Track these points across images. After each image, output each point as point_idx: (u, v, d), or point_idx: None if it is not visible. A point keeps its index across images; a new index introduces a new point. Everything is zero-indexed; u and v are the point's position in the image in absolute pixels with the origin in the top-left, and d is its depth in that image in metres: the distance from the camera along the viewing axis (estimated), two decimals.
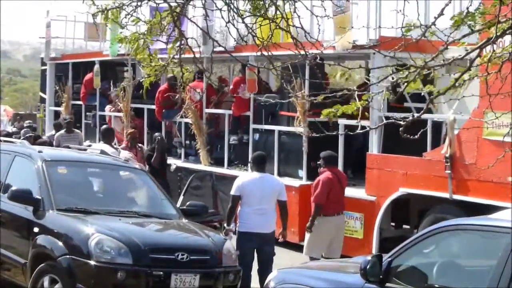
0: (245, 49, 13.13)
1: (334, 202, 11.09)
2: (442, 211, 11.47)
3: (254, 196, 10.06)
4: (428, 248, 6.45)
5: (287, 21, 6.27)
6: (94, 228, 8.59)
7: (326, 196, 10.97)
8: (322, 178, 11.08)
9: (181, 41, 6.33)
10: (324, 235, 11.09)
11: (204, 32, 7.91)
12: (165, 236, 9.37)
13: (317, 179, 11.17)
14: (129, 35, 6.49)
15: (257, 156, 10.62)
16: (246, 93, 15.51)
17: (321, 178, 11.09)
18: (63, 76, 21.61)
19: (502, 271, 5.60)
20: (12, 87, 78.24)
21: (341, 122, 13.44)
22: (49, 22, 22.08)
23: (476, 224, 6.21)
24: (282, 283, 7.32)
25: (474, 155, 11.12)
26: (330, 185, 11.03)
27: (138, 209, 9.91)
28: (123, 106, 18.00)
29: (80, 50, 22.90)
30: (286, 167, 14.53)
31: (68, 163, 10.26)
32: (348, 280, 6.73)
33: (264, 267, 10.00)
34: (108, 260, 8.35)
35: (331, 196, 11.02)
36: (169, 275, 8.44)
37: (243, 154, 15.36)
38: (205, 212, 10.31)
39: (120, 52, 18.68)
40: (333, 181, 11.10)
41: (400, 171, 12.14)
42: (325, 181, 11.03)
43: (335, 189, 11.12)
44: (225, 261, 8.96)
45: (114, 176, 10.51)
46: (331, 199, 11.02)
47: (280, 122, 14.91)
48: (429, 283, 6.24)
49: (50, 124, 22.08)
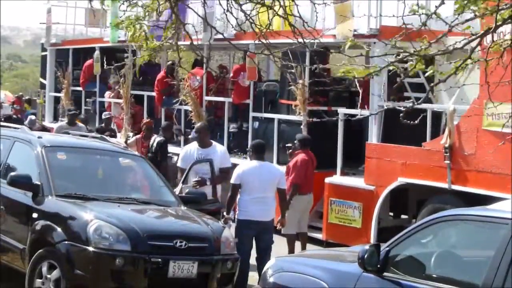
0: (245, 37, 13.09)
1: (308, 182, 12.09)
2: (440, 201, 11.49)
3: (254, 184, 10.08)
4: (426, 238, 6.45)
5: (284, 9, 6.25)
6: (93, 214, 8.60)
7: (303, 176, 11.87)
8: (299, 159, 11.99)
9: (178, 25, 6.32)
10: (297, 212, 11.92)
11: (202, 19, 7.90)
12: (164, 223, 9.37)
13: (294, 159, 12.05)
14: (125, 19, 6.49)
15: (256, 144, 10.65)
16: (245, 80, 15.50)
17: (298, 159, 11.99)
18: (63, 62, 21.59)
19: (500, 262, 5.61)
20: (12, 72, 78.08)
21: (340, 111, 13.46)
22: (50, 8, 22.05)
23: (475, 214, 6.21)
24: (280, 271, 7.32)
25: (474, 146, 11.12)
26: (306, 166, 11.97)
27: (137, 196, 9.91)
28: (123, 92, 17.99)
29: (80, 36, 22.88)
30: (286, 156, 14.54)
31: (67, 149, 10.25)
32: (346, 269, 6.74)
33: (262, 255, 10.02)
34: (106, 246, 8.35)
35: (306, 176, 11.98)
36: (167, 262, 8.45)
37: (242, 142, 15.37)
38: (204, 200, 10.31)
39: (120, 38, 18.67)
40: (308, 162, 12.07)
41: (399, 160, 12.15)
42: (302, 162, 11.97)
43: (309, 169, 12.14)
44: (224, 248, 8.96)
45: (113, 163, 10.50)
46: (306, 179, 11.97)
47: (280, 110, 14.91)
48: (426, 273, 6.24)
49: (50, 109, 22.08)
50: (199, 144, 11.17)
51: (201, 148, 11.09)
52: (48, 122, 20.78)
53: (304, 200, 12.12)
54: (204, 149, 11.07)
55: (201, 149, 11.08)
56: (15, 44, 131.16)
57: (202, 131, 11.31)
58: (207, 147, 11.12)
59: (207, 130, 11.68)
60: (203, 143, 11.14)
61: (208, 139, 11.36)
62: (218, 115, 16.76)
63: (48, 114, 22.20)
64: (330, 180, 13.39)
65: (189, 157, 11.06)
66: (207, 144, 11.19)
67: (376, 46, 11.97)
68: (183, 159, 11.16)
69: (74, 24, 22.57)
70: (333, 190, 13.29)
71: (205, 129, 11.48)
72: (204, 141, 11.19)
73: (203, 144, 11.13)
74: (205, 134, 11.31)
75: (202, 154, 11.00)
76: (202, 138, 11.19)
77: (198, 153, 11.04)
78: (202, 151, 11.04)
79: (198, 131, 11.36)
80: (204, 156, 10.95)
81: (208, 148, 11.11)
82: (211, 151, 11.06)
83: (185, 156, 11.15)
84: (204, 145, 11.12)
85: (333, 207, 13.15)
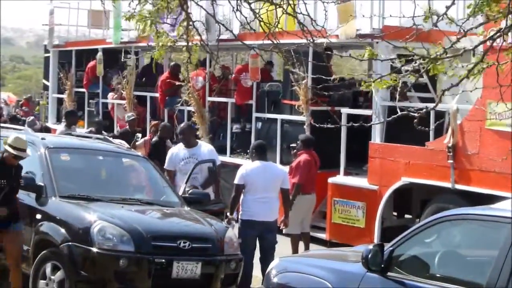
0: (249, 36, 13.09)
1: (311, 182, 12.09)
2: (444, 201, 11.48)
3: (258, 185, 10.09)
4: (430, 237, 6.44)
5: (293, 7, 6.26)
6: (96, 215, 8.61)
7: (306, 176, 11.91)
8: (302, 160, 11.99)
9: (188, 23, 6.35)
10: (300, 212, 11.89)
11: (211, 16, 7.92)
12: (167, 223, 9.37)
13: (297, 160, 12.03)
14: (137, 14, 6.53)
15: (257, 145, 10.65)
16: (248, 80, 15.50)
17: (301, 160, 11.99)
18: (66, 64, 21.58)
19: (503, 261, 5.60)
20: (15, 74, 78.17)
21: (343, 111, 13.44)
22: (53, 9, 22.03)
23: (478, 214, 6.21)
24: (284, 271, 7.32)
25: (477, 145, 11.11)
26: (309, 166, 12.00)
27: (141, 196, 9.92)
28: (126, 93, 17.99)
29: (83, 37, 22.86)
30: (289, 156, 14.53)
31: (71, 150, 10.27)
32: (350, 269, 6.74)
33: (266, 255, 10.01)
34: (110, 247, 8.36)
35: (309, 176, 11.99)
36: (171, 262, 8.46)
37: (245, 143, 15.36)
38: (207, 200, 10.32)
39: (123, 39, 18.67)
40: (311, 162, 12.09)
41: (403, 160, 12.14)
42: (305, 162, 11.98)
43: (312, 170, 12.14)
44: (227, 249, 8.96)
45: (116, 164, 10.52)
46: (309, 179, 11.98)
47: (283, 110, 14.90)
48: (430, 272, 6.24)
49: (53, 111, 22.09)
50: (184, 144, 11.20)
51: (187, 148, 11.12)
52: (51, 124, 20.75)
53: (306, 200, 12.12)
54: (189, 149, 11.10)
55: (187, 149, 11.11)
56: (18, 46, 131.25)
57: (185, 132, 11.34)
58: (193, 147, 11.15)
59: (191, 130, 11.74)
60: (189, 143, 11.18)
61: (193, 139, 11.44)
62: (221, 115, 16.76)
63: (51, 116, 22.20)
64: (334, 180, 13.38)
65: (175, 158, 11.12)
66: (193, 144, 11.22)
67: (379, 46, 12.00)
68: (169, 161, 11.23)
69: (77, 26, 22.56)
70: (337, 190, 13.29)
71: (189, 130, 11.51)
72: (190, 141, 11.22)
73: (189, 144, 11.16)
74: (189, 135, 11.35)
75: (188, 154, 11.03)
76: (187, 139, 11.24)
77: (183, 154, 11.06)
78: (187, 151, 11.07)
79: (182, 132, 11.36)
80: (191, 155, 10.97)
81: (193, 148, 11.14)
82: (196, 151, 11.09)
83: (171, 158, 11.22)
84: (190, 145, 11.15)
85: (337, 207, 13.15)
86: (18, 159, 8.73)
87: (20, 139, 8.79)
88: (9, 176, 8.71)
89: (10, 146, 8.65)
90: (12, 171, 8.75)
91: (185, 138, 11.26)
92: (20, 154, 8.69)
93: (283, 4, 6.21)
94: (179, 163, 11.06)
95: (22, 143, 8.75)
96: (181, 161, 11.05)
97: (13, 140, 8.71)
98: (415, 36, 6.00)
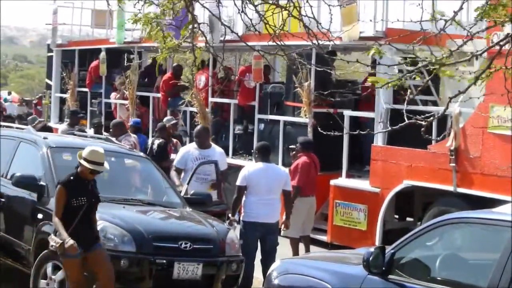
0: (253, 38, 13.09)
1: (310, 184, 11.96)
2: (446, 204, 11.47)
3: (260, 186, 10.08)
4: (432, 240, 6.44)
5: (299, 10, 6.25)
6: (98, 215, 8.58)
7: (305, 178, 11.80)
8: (301, 162, 11.89)
9: (193, 25, 6.35)
10: (301, 215, 11.74)
11: (216, 18, 7.92)
12: (169, 224, 9.36)
13: (296, 163, 11.94)
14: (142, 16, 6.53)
15: (261, 146, 10.66)
16: (250, 82, 15.50)
17: (300, 162, 11.89)
18: (69, 63, 21.59)
19: (504, 265, 5.60)
20: (18, 73, 78.27)
21: (346, 113, 13.44)
22: (56, 8, 22.05)
23: (480, 217, 6.21)
24: (285, 273, 7.33)
25: (479, 149, 11.10)
26: (308, 169, 11.88)
27: (142, 197, 9.92)
28: (129, 94, 18.00)
29: (86, 37, 22.88)
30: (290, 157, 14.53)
31: (73, 150, 10.23)
32: (351, 271, 6.74)
33: (267, 257, 10.01)
34: (111, 247, 8.36)
35: (308, 179, 11.88)
36: (172, 263, 8.46)
37: (248, 144, 15.36)
38: (209, 201, 10.31)
39: (126, 39, 18.67)
40: (310, 165, 11.98)
41: (405, 163, 12.13)
42: (304, 165, 11.86)
43: (311, 172, 12.01)
44: (228, 250, 8.96)
45: (118, 164, 10.49)
46: (308, 182, 11.86)
47: (285, 112, 14.90)
48: (431, 275, 6.24)
49: (56, 110, 22.09)
50: (198, 145, 11.19)
51: (200, 149, 11.11)
52: (53, 123, 20.76)
53: (306, 203, 12.02)
54: (203, 150, 11.09)
55: (200, 150, 11.10)
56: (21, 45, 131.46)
57: (201, 135, 11.33)
58: (206, 148, 11.15)
59: (207, 133, 11.72)
60: (203, 145, 11.18)
61: (208, 141, 11.41)
62: (223, 116, 16.76)
63: (54, 115, 22.21)
64: (335, 182, 13.37)
65: (187, 158, 11.09)
66: (207, 146, 11.22)
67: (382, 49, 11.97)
68: (181, 159, 11.18)
69: (80, 25, 22.58)
70: (338, 192, 13.27)
71: (205, 133, 11.49)
72: (204, 143, 11.22)
73: (203, 145, 11.16)
74: (204, 136, 11.35)
75: (202, 155, 11.02)
76: (201, 141, 11.23)
77: (197, 154, 11.05)
78: (201, 152, 11.06)
79: (198, 135, 11.35)
80: (204, 157, 10.97)
81: (207, 149, 11.14)
82: (210, 153, 11.08)
83: (183, 157, 11.17)
84: (204, 147, 11.15)
85: (338, 209, 13.14)
86: (94, 173, 8.10)
87: (96, 152, 8.10)
88: (87, 192, 8.07)
89: (85, 160, 8.01)
90: (89, 186, 8.14)
91: (201, 139, 11.24)
92: (98, 169, 8.06)
93: (288, 6, 6.20)
94: (191, 162, 11.02)
95: (99, 157, 8.08)
96: (194, 161, 11.01)
97: (88, 153, 8.05)
98: (422, 40, 5.99)
